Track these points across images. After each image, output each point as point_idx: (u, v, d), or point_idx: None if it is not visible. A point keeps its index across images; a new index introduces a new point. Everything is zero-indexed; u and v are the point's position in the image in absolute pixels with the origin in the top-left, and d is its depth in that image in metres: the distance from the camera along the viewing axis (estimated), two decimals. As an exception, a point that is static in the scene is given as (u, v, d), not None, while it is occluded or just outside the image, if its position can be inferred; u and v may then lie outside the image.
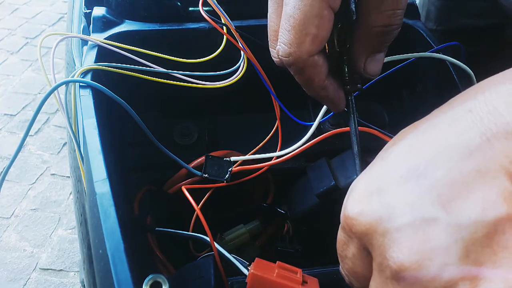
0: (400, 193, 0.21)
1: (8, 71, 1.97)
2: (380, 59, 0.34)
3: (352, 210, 0.22)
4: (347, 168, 0.41)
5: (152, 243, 0.40)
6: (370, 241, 0.21)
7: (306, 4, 0.30)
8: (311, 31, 0.30)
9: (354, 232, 0.22)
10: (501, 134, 0.19)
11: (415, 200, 0.20)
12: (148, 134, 0.40)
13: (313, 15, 0.30)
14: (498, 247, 0.18)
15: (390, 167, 0.22)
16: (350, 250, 0.24)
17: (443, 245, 0.19)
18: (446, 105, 0.23)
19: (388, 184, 0.22)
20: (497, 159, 0.19)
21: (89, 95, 0.38)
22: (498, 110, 0.20)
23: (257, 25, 0.46)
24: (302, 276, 0.32)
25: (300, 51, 0.31)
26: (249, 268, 0.32)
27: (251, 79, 0.44)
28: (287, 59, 0.31)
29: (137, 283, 0.27)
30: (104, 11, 0.46)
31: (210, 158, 0.42)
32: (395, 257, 0.20)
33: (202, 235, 0.38)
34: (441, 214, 0.19)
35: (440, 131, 0.21)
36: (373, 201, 0.22)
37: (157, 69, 0.43)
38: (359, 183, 0.23)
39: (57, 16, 2.38)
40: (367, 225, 0.21)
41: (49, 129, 1.69)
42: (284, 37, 0.31)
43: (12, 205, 1.41)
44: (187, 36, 0.46)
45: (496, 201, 0.18)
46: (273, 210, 0.45)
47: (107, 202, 0.30)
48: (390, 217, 0.20)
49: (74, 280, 1.24)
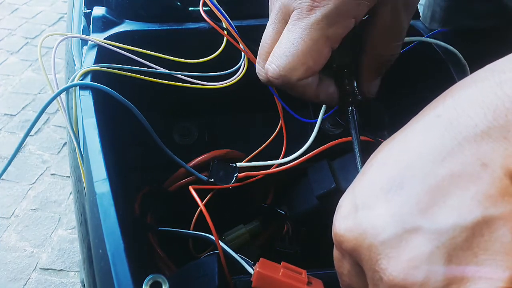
0: (382, 205, 0.21)
1: (8, 71, 1.97)
2: (378, 83, 0.37)
3: (340, 227, 0.23)
4: (348, 171, 0.41)
5: (154, 242, 0.40)
6: (359, 256, 0.22)
7: (311, 39, 0.31)
8: (307, 63, 0.32)
9: (344, 248, 0.23)
10: (471, 137, 0.19)
11: (396, 210, 0.21)
12: (153, 136, 0.40)
13: (314, 49, 0.31)
14: (479, 249, 0.18)
15: (371, 181, 0.23)
16: (345, 267, 0.24)
17: (426, 252, 0.19)
18: (420, 113, 0.23)
19: (370, 197, 0.22)
20: (469, 163, 0.19)
21: (89, 95, 0.38)
22: (467, 113, 0.20)
23: (257, 25, 0.46)
24: (307, 277, 0.32)
25: (291, 77, 0.32)
26: (254, 267, 0.32)
27: (251, 79, 0.44)
28: (277, 80, 0.33)
29: (137, 283, 0.27)
30: (104, 11, 0.46)
31: (216, 163, 0.42)
32: (384, 269, 0.20)
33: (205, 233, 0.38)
34: (421, 222, 0.20)
35: (413, 140, 0.22)
36: (358, 216, 0.22)
37: (157, 69, 0.43)
38: (345, 200, 0.24)
39: (57, 16, 2.38)
40: (354, 241, 0.22)
41: (49, 129, 1.69)
42: (279, 60, 0.32)
43: (12, 205, 1.41)
44: (187, 36, 0.46)
45: (471, 204, 0.19)
46: (273, 211, 0.45)
47: (107, 202, 0.30)
48: (374, 231, 0.21)
49: (74, 280, 1.24)
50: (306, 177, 0.44)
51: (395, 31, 0.34)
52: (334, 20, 0.30)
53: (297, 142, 0.44)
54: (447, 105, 0.21)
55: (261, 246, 0.45)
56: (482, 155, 0.19)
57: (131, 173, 0.46)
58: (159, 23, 0.46)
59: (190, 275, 0.35)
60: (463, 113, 0.20)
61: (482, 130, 0.19)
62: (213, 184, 0.42)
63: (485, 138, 0.19)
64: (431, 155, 0.20)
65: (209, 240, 0.37)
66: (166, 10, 0.47)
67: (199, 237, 0.38)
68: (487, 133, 0.19)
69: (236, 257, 0.34)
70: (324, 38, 0.31)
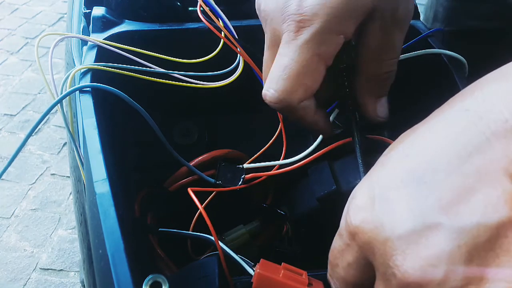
0: (401, 198, 0.20)
1: (8, 71, 1.97)
2: (386, 103, 0.36)
3: (355, 218, 0.22)
4: (349, 173, 0.40)
5: (154, 242, 0.40)
6: (372, 249, 0.21)
7: (304, 59, 0.31)
8: (305, 83, 0.32)
9: (357, 240, 0.22)
10: (500, 133, 0.19)
11: (416, 205, 0.20)
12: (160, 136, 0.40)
13: (308, 69, 0.31)
14: (501, 251, 0.18)
15: (390, 172, 0.22)
16: (345, 259, 0.23)
17: (446, 250, 0.18)
18: (445, 105, 0.22)
19: (388, 189, 0.21)
20: (497, 160, 0.19)
21: (89, 95, 0.38)
22: (497, 107, 0.19)
23: (255, 25, 0.46)
24: (308, 278, 0.32)
25: (291, 99, 0.32)
26: (255, 268, 0.32)
27: (250, 78, 0.44)
28: (277, 105, 0.33)
29: (137, 283, 0.27)
30: (103, 11, 0.46)
31: (223, 165, 0.42)
32: (399, 265, 0.19)
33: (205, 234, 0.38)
34: (442, 218, 0.19)
35: (438, 133, 0.21)
36: (375, 208, 0.21)
37: (156, 69, 0.43)
38: (361, 190, 0.23)
39: (57, 16, 2.38)
40: (369, 233, 0.21)
41: (49, 129, 1.69)
42: (276, 85, 0.32)
43: (12, 205, 1.41)
44: (187, 36, 0.46)
45: (497, 204, 0.18)
46: (273, 211, 0.45)
47: (107, 202, 0.30)
48: (392, 224, 0.20)
49: (74, 280, 1.24)
50: (306, 178, 0.44)
51: (387, 48, 0.33)
52: (322, 38, 0.30)
53: (297, 142, 0.44)
54: (476, 99, 0.20)
55: (261, 247, 0.45)
56: (511, 152, 0.18)
57: (131, 173, 0.46)
58: (159, 23, 0.46)
59: (191, 276, 0.35)
60: (493, 107, 0.19)
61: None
62: (221, 186, 0.42)
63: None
64: (457, 150, 0.20)
65: (209, 241, 0.37)
66: (166, 10, 0.47)
67: (199, 238, 0.38)
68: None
69: (237, 258, 0.34)
70: (316, 57, 0.31)
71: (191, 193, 0.39)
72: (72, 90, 0.37)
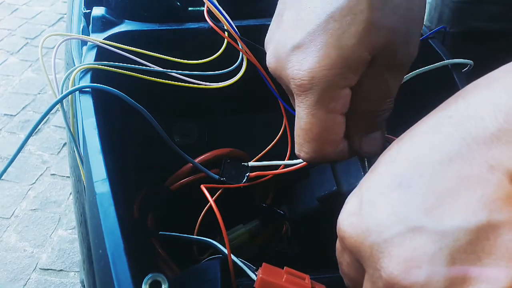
0: (387, 203, 0.21)
1: (8, 71, 1.97)
2: (376, 138, 0.33)
3: (343, 223, 0.23)
4: (351, 174, 0.40)
5: (155, 242, 0.40)
6: (360, 253, 0.22)
7: (319, 120, 0.30)
8: (330, 138, 0.31)
9: (346, 244, 0.22)
10: (481, 139, 0.19)
11: (401, 209, 0.20)
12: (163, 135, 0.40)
13: (327, 125, 0.30)
14: (483, 254, 0.18)
15: (378, 178, 0.22)
16: (345, 259, 0.24)
17: (429, 252, 0.19)
18: (431, 113, 0.23)
19: (375, 194, 0.22)
20: (477, 165, 0.19)
21: (89, 95, 0.38)
22: (479, 114, 0.20)
23: (257, 25, 0.46)
24: (311, 282, 0.32)
25: (324, 155, 0.31)
26: (257, 272, 0.32)
27: (252, 78, 0.44)
28: (315, 160, 0.32)
29: (137, 283, 0.27)
30: (103, 11, 0.46)
31: (228, 162, 0.42)
32: (385, 267, 0.20)
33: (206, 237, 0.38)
34: (425, 221, 0.19)
35: (424, 139, 0.22)
36: (362, 213, 0.22)
37: (156, 68, 0.43)
38: (351, 196, 0.24)
39: (57, 16, 2.38)
40: (355, 237, 0.22)
41: (49, 129, 1.69)
42: (305, 148, 0.31)
43: (12, 205, 1.41)
44: (187, 36, 0.46)
45: (476, 208, 0.18)
46: (272, 211, 0.45)
47: (107, 202, 0.30)
48: (378, 228, 0.21)
49: (74, 280, 1.24)
50: (307, 178, 0.44)
51: (383, 92, 0.32)
52: (328, 96, 0.29)
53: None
54: (459, 106, 0.21)
55: (261, 246, 0.45)
56: (490, 158, 0.19)
57: (131, 173, 0.45)
58: (159, 23, 0.46)
59: (193, 280, 0.35)
60: (475, 114, 0.20)
61: (492, 133, 0.19)
62: (225, 183, 0.42)
63: (494, 141, 0.19)
64: (439, 155, 0.20)
65: (210, 244, 0.37)
66: (166, 10, 0.47)
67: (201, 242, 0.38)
68: (497, 136, 0.19)
69: (239, 263, 0.34)
70: (330, 114, 0.30)
71: (204, 189, 0.39)
72: (72, 90, 0.37)
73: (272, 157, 0.44)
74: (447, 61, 0.44)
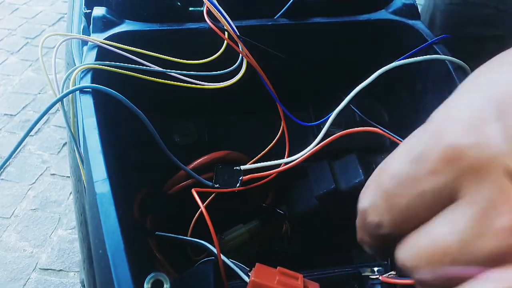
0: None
1: (8, 71, 1.96)
2: None
3: (457, 141, 0.19)
4: (349, 172, 0.41)
5: (152, 245, 0.40)
6: (477, 172, 0.18)
7: None
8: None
9: (456, 164, 0.19)
10: None
11: None
12: (157, 139, 0.40)
13: None
14: None
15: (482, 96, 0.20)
16: (419, 186, 0.20)
17: None
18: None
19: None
20: None
21: (89, 95, 0.38)
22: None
23: (257, 25, 0.46)
24: (304, 282, 0.32)
25: None
26: (250, 273, 0.32)
27: (251, 79, 0.44)
28: None
29: (137, 283, 0.27)
30: (104, 11, 0.46)
31: (220, 167, 0.42)
32: None
33: (201, 239, 0.37)
34: None
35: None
36: (492, 129, 0.18)
37: (157, 68, 0.43)
38: (461, 111, 0.20)
39: (57, 16, 2.38)
40: (477, 155, 0.18)
41: (49, 129, 1.69)
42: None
43: (12, 205, 1.41)
44: (187, 36, 0.46)
45: None
46: (272, 211, 0.45)
47: (107, 202, 0.30)
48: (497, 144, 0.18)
49: (74, 280, 1.24)
50: (306, 177, 0.44)
51: None
52: None
53: (298, 143, 0.44)
54: None
55: (261, 246, 0.45)
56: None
57: (131, 173, 0.45)
58: (159, 23, 0.46)
59: (186, 284, 0.35)
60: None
61: None
62: (219, 189, 0.42)
63: None
64: None
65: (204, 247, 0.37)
66: (166, 10, 0.47)
67: (196, 244, 0.38)
68: None
69: (232, 266, 0.34)
70: None
71: (194, 194, 0.39)
72: (72, 90, 0.37)
73: (271, 158, 0.44)
74: (446, 59, 0.44)
